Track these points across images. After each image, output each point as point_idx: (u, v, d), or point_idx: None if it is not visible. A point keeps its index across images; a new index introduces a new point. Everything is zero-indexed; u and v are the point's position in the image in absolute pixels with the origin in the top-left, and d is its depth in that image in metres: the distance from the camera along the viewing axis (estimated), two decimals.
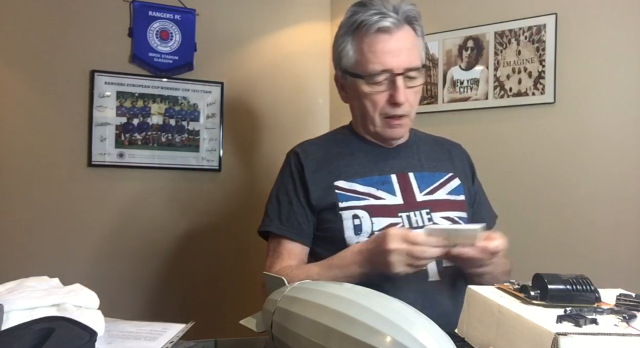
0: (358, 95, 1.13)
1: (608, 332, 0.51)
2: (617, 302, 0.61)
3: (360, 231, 1.08)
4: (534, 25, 1.73)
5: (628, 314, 0.56)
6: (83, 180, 1.85)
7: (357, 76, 1.11)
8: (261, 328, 0.76)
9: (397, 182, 1.13)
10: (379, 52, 1.08)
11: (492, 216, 1.27)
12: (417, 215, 1.11)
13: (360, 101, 1.13)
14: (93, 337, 0.59)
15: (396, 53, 1.07)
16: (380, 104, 1.11)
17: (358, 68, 1.11)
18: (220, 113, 2.02)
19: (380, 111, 1.12)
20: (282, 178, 1.20)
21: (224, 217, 2.03)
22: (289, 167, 1.20)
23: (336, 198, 1.11)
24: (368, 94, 1.11)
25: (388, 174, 1.14)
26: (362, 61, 1.10)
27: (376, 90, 1.10)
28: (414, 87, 1.11)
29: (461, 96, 1.88)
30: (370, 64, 1.08)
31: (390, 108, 1.10)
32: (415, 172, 1.16)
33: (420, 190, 1.14)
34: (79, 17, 1.85)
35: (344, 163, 1.16)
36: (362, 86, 1.11)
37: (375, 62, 1.08)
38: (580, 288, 0.61)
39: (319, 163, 1.16)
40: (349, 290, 0.62)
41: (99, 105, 1.86)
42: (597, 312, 0.57)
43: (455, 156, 1.25)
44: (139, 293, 1.91)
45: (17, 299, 0.68)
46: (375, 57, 1.08)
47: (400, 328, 0.52)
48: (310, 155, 1.18)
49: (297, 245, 1.14)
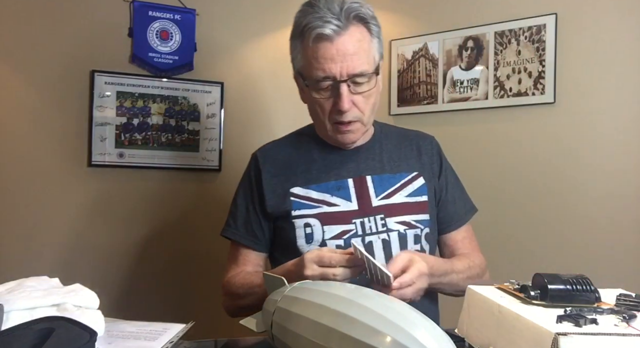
0: (310, 99, 1.11)
1: (608, 332, 0.51)
2: (617, 302, 0.61)
3: (311, 240, 1.08)
4: (534, 25, 1.73)
5: (628, 314, 0.56)
6: (83, 180, 1.84)
7: (304, 80, 1.10)
8: (261, 328, 0.76)
9: (354, 187, 1.12)
10: (320, 58, 1.04)
11: (468, 210, 1.22)
12: (372, 221, 1.09)
13: (313, 106, 1.11)
14: (93, 337, 0.59)
15: (338, 60, 1.03)
16: (327, 110, 1.08)
17: (305, 73, 1.09)
18: (220, 113, 2.02)
19: (329, 117, 1.09)
20: (242, 182, 1.22)
21: (223, 217, 2.02)
22: (248, 171, 1.21)
23: (290, 207, 1.11)
24: (316, 100, 1.08)
25: (344, 179, 1.12)
26: (307, 67, 1.07)
27: (322, 97, 1.07)
28: (362, 92, 1.06)
29: (461, 96, 1.88)
30: (313, 70, 1.05)
31: (336, 114, 1.07)
32: (373, 175, 1.13)
33: (377, 195, 1.11)
34: (79, 17, 1.85)
35: (302, 168, 1.15)
36: (311, 91, 1.08)
37: (318, 69, 1.04)
38: (580, 288, 0.61)
39: (277, 168, 1.16)
40: (349, 290, 0.62)
41: (99, 105, 1.86)
42: (597, 312, 0.57)
43: (424, 151, 1.20)
44: (139, 293, 1.91)
45: (17, 299, 0.68)
46: (318, 63, 1.04)
47: (400, 328, 0.52)
48: (270, 159, 1.18)
49: (251, 252, 1.17)
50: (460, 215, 1.20)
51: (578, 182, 1.65)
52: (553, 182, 1.70)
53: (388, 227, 1.09)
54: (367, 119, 1.11)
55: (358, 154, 1.17)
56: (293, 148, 1.20)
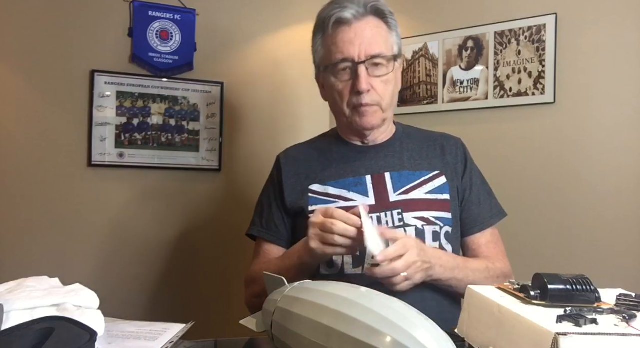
0: (329, 89, 1.14)
1: (608, 332, 0.51)
2: (617, 302, 0.61)
3: None
4: (534, 25, 1.73)
5: (628, 314, 0.56)
6: (83, 180, 1.85)
7: (325, 70, 1.14)
8: (261, 328, 0.76)
9: (372, 183, 1.13)
10: (339, 42, 1.09)
11: (494, 215, 1.19)
12: (388, 216, 1.09)
13: (332, 95, 1.14)
14: (93, 337, 0.59)
15: (356, 42, 1.08)
16: (346, 94, 1.11)
17: (324, 61, 1.13)
18: (220, 113, 2.02)
19: (348, 102, 1.11)
20: (266, 183, 1.27)
21: (224, 217, 2.03)
22: (271, 172, 1.26)
23: (307, 203, 1.13)
24: (334, 85, 1.12)
25: (363, 176, 1.14)
26: (327, 54, 1.12)
27: (340, 80, 1.11)
28: (380, 76, 1.10)
29: (461, 96, 1.88)
30: (332, 54, 1.10)
31: (355, 97, 1.10)
32: (393, 172, 1.14)
33: (395, 190, 1.12)
34: (79, 17, 1.85)
35: (321, 167, 1.18)
36: (330, 79, 1.12)
37: (336, 52, 1.09)
38: (580, 288, 0.61)
39: (297, 168, 1.20)
40: (349, 290, 0.62)
41: (99, 105, 1.86)
42: (597, 312, 0.57)
43: (448, 152, 1.20)
44: (139, 293, 1.91)
45: (17, 299, 0.68)
46: (336, 47, 1.09)
47: (400, 328, 0.52)
48: (291, 159, 1.22)
49: (273, 247, 1.20)
50: (485, 218, 1.18)
51: (578, 182, 1.65)
52: (553, 182, 1.70)
53: (405, 221, 1.09)
54: (386, 106, 1.13)
55: (377, 152, 1.18)
56: (314, 149, 1.24)
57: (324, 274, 1.09)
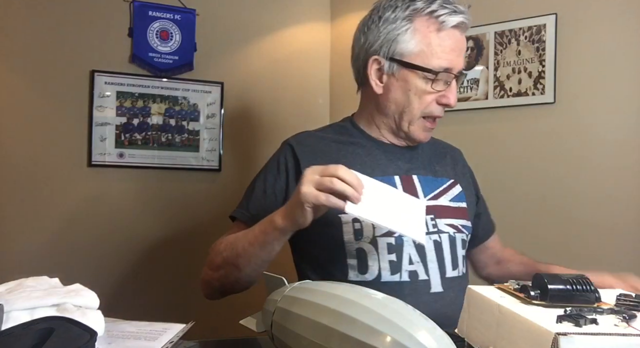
0: (406, 88, 1.02)
1: (608, 332, 0.51)
2: (617, 302, 0.61)
3: (360, 236, 1.00)
4: (534, 25, 1.73)
5: (628, 314, 0.56)
6: (83, 180, 1.85)
7: (414, 67, 1.00)
8: (261, 328, 0.75)
9: (401, 184, 1.06)
10: (448, 48, 0.99)
11: (491, 227, 1.26)
12: None
13: (407, 95, 1.02)
14: (93, 337, 0.59)
15: (460, 53, 1.02)
16: (427, 102, 1.02)
17: (418, 59, 1.00)
18: (220, 113, 2.02)
19: (424, 110, 1.03)
20: (266, 168, 1.12)
21: (223, 217, 2.02)
22: (277, 159, 1.10)
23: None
24: (420, 90, 1.01)
25: (392, 176, 1.06)
26: (427, 54, 0.99)
27: (433, 87, 1.00)
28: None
29: (461, 96, 1.88)
30: (436, 58, 0.99)
31: (436, 108, 1.03)
32: (419, 175, 1.09)
33: (425, 195, 1.07)
34: (79, 17, 1.85)
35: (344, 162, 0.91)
36: (415, 80, 1.01)
37: (442, 58, 0.99)
38: (580, 288, 0.61)
39: (316, 159, 1.02)
40: (349, 290, 0.62)
41: (99, 105, 1.86)
42: (597, 312, 0.57)
43: (457, 161, 1.21)
44: (139, 293, 1.91)
45: (17, 299, 0.68)
46: (445, 53, 0.99)
47: (400, 328, 0.52)
48: (308, 148, 1.08)
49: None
50: (493, 222, 1.26)
51: (578, 181, 1.65)
52: (553, 181, 1.70)
53: (439, 228, 1.05)
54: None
55: (403, 153, 1.11)
56: (332, 140, 1.11)
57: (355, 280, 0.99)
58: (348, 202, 0.79)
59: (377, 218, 0.80)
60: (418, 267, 1.01)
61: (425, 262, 1.02)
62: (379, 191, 0.84)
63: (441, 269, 1.03)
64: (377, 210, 0.81)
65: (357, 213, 0.79)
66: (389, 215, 0.82)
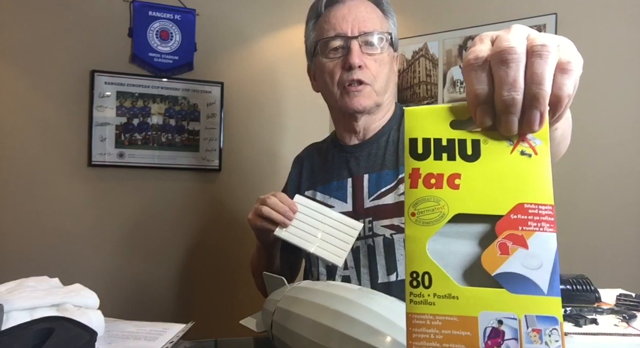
0: (320, 73, 1.07)
1: (608, 332, 0.51)
2: (617, 302, 0.61)
3: None
4: (534, 25, 1.73)
5: (628, 314, 0.56)
6: (83, 180, 1.85)
7: (315, 54, 1.06)
8: (261, 328, 0.75)
9: (351, 186, 1.06)
10: (332, 18, 1.04)
11: None
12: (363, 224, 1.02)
13: (322, 79, 1.06)
14: (93, 337, 0.59)
15: (349, 18, 1.02)
16: (336, 72, 1.03)
17: (316, 44, 1.06)
18: (220, 113, 2.02)
19: (338, 81, 1.03)
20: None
21: (224, 217, 2.03)
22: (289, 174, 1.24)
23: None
24: (325, 65, 1.04)
25: (344, 179, 1.08)
26: (319, 34, 1.06)
27: (331, 58, 1.03)
28: (374, 54, 1.02)
29: (461, 96, 1.88)
30: (325, 32, 1.04)
31: (345, 73, 1.01)
32: (372, 173, 1.05)
33: (369, 195, 1.03)
34: (79, 17, 1.85)
35: (315, 171, 1.16)
36: (321, 60, 1.05)
37: (329, 29, 1.03)
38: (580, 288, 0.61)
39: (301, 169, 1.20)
40: (349, 290, 0.62)
41: (99, 105, 1.86)
42: (597, 312, 0.57)
43: None
44: (139, 293, 1.91)
45: (17, 299, 0.68)
46: (329, 24, 1.04)
47: (400, 328, 0.52)
48: (299, 160, 1.23)
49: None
50: None
51: (577, 182, 1.65)
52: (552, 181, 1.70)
53: (374, 231, 1.01)
54: (379, 88, 1.04)
55: (362, 151, 1.09)
56: (316, 149, 1.22)
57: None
58: (279, 226, 0.96)
59: (299, 241, 0.94)
60: (351, 272, 1.02)
61: (359, 267, 1.02)
62: (317, 214, 0.96)
63: (372, 275, 1.00)
64: (303, 233, 0.95)
65: (282, 236, 0.95)
66: (313, 238, 0.95)
